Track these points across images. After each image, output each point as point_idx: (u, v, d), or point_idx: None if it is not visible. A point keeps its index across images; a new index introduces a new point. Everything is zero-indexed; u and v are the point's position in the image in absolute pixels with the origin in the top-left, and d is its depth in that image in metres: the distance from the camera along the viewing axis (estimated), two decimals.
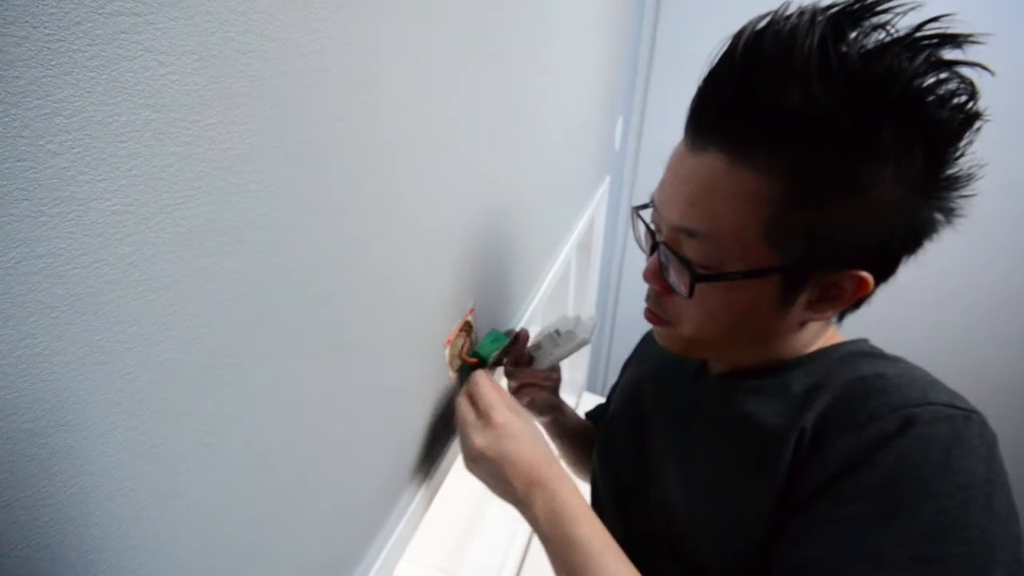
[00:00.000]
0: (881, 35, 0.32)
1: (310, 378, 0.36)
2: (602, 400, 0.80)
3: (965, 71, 0.32)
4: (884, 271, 0.39)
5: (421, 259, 0.48)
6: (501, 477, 0.46)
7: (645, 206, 0.46)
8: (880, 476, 0.34)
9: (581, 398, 1.90)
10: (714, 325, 0.43)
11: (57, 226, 0.19)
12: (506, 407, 0.49)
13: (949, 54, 0.32)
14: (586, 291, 1.59)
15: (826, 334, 0.46)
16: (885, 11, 0.32)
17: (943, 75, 0.32)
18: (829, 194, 0.35)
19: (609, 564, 0.40)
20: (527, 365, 0.67)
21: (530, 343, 0.68)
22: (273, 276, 0.31)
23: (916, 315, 1.68)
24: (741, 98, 0.35)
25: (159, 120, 0.22)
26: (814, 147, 0.34)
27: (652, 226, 0.45)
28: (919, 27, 0.32)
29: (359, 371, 0.42)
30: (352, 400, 0.42)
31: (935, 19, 0.32)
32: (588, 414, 0.81)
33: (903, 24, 0.33)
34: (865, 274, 0.37)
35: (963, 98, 0.33)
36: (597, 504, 0.62)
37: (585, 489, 0.71)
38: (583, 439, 0.76)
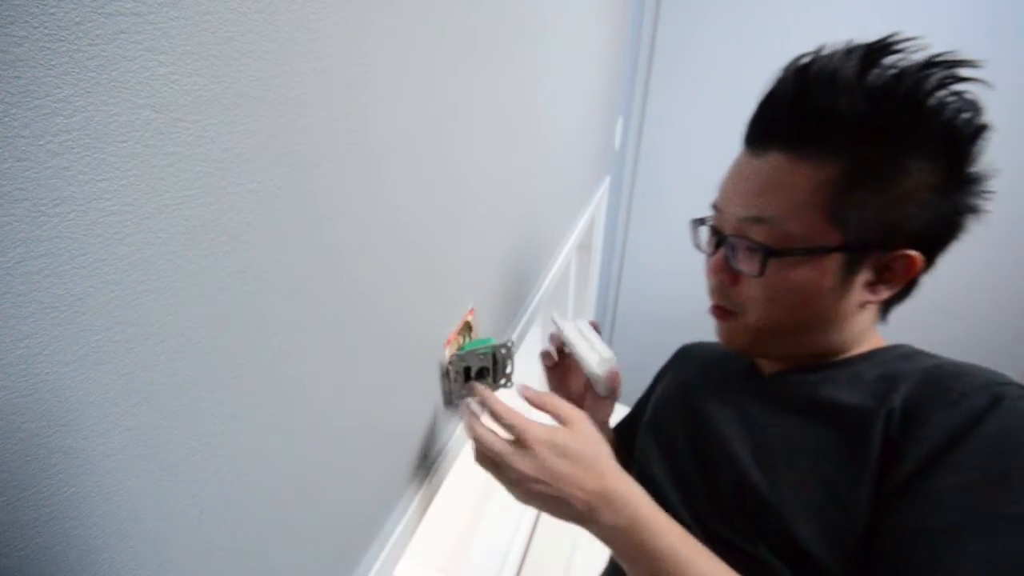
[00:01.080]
0: (902, 64, 0.41)
1: (310, 378, 0.36)
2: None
3: (972, 92, 0.41)
4: (929, 252, 0.45)
5: (421, 259, 0.48)
6: (557, 499, 0.44)
7: (703, 219, 0.54)
8: (986, 444, 0.38)
9: None
10: (781, 307, 0.48)
11: (57, 226, 0.19)
12: (530, 422, 0.46)
13: (957, 79, 0.40)
14: (586, 291, 1.59)
15: (873, 338, 0.52)
16: (901, 49, 0.42)
17: (951, 95, 0.40)
18: (877, 179, 0.42)
19: (704, 568, 0.40)
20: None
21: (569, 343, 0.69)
22: (273, 276, 0.31)
23: (931, 321, 1.68)
24: (797, 108, 0.44)
25: (159, 120, 0.22)
26: (861, 143, 0.42)
27: (715, 226, 0.52)
28: (932, 56, 0.41)
29: (359, 371, 0.42)
30: (352, 400, 0.42)
31: (943, 53, 0.41)
32: (616, 429, 0.79)
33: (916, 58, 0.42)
34: (914, 253, 0.43)
35: (970, 113, 0.41)
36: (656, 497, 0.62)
37: None
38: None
